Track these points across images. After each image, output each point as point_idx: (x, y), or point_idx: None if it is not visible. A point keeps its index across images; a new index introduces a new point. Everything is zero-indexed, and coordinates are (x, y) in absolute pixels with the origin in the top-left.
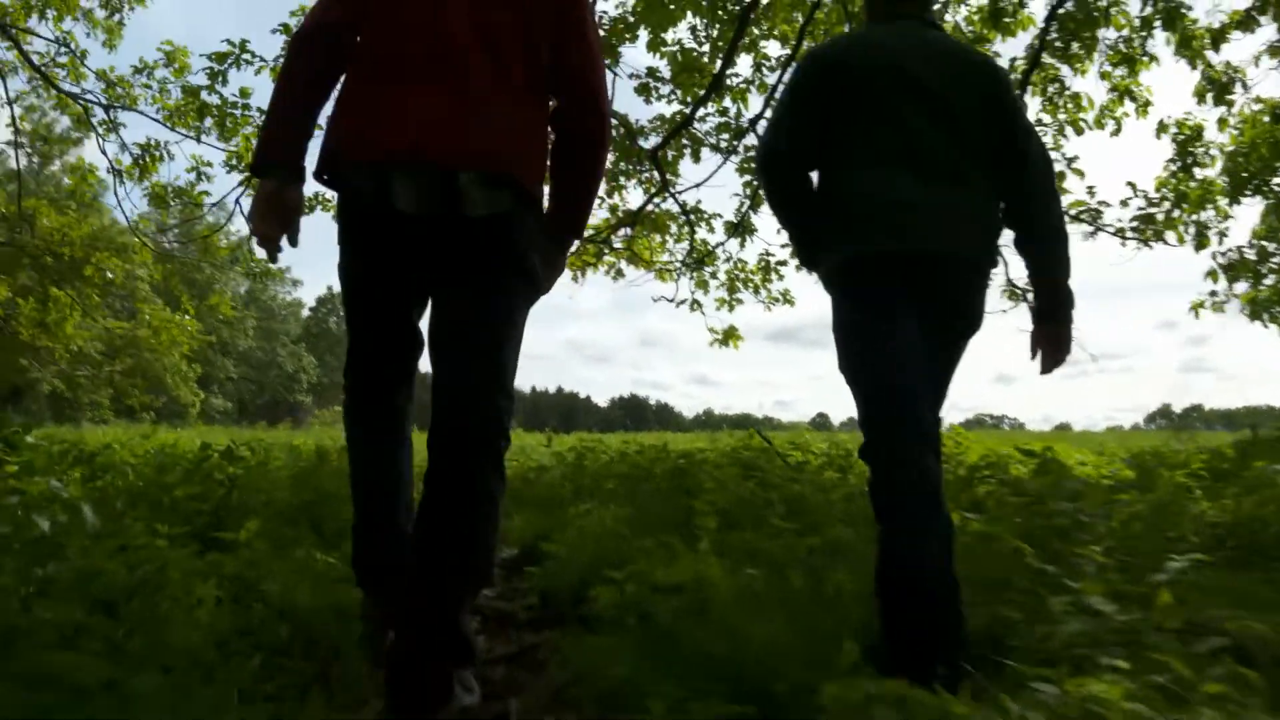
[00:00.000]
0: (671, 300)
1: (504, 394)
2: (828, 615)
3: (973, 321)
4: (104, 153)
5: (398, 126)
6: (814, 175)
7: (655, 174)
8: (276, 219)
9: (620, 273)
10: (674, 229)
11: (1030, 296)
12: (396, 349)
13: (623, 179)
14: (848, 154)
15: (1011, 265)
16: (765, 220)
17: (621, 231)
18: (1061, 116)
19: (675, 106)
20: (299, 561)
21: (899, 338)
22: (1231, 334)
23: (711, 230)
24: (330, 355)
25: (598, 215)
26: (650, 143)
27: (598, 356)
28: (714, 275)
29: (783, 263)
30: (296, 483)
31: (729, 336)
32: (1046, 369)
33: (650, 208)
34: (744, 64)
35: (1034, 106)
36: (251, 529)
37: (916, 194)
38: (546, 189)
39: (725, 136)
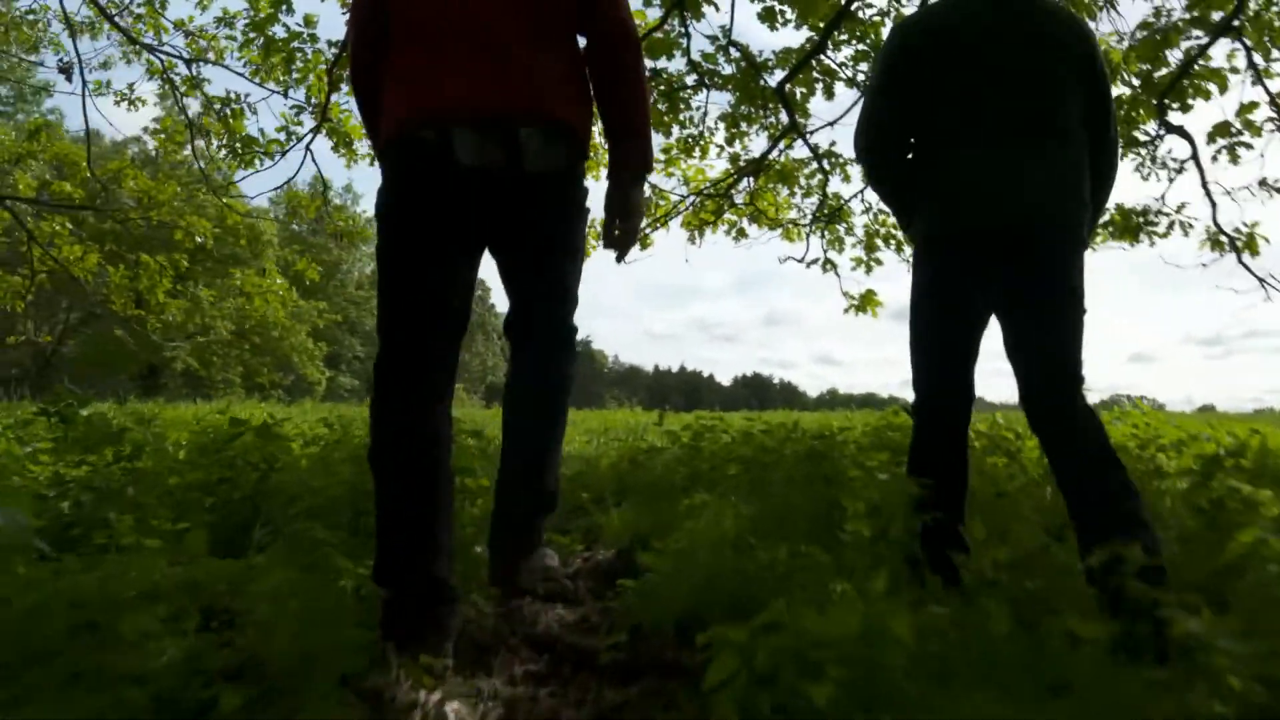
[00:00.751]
0: (801, 260)
1: (568, 325)
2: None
3: (1065, 281)
4: (184, 112)
5: (453, 86)
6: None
7: (783, 114)
8: None
9: (742, 232)
10: (802, 180)
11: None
12: (440, 336)
13: (744, 124)
14: (934, 127)
15: (1221, 208)
16: None
17: (743, 184)
18: None
19: (805, 33)
20: (301, 585)
21: (958, 313)
22: None
23: (847, 179)
24: None
25: (717, 166)
26: (775, 79)
27: (723, 336)
28: (849, 231)
29: None
30: (355, 468)
31: (867, 302)
32: None
33: (776, 154)
34: None
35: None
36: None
37: (999, 167)
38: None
39: (863, 67)
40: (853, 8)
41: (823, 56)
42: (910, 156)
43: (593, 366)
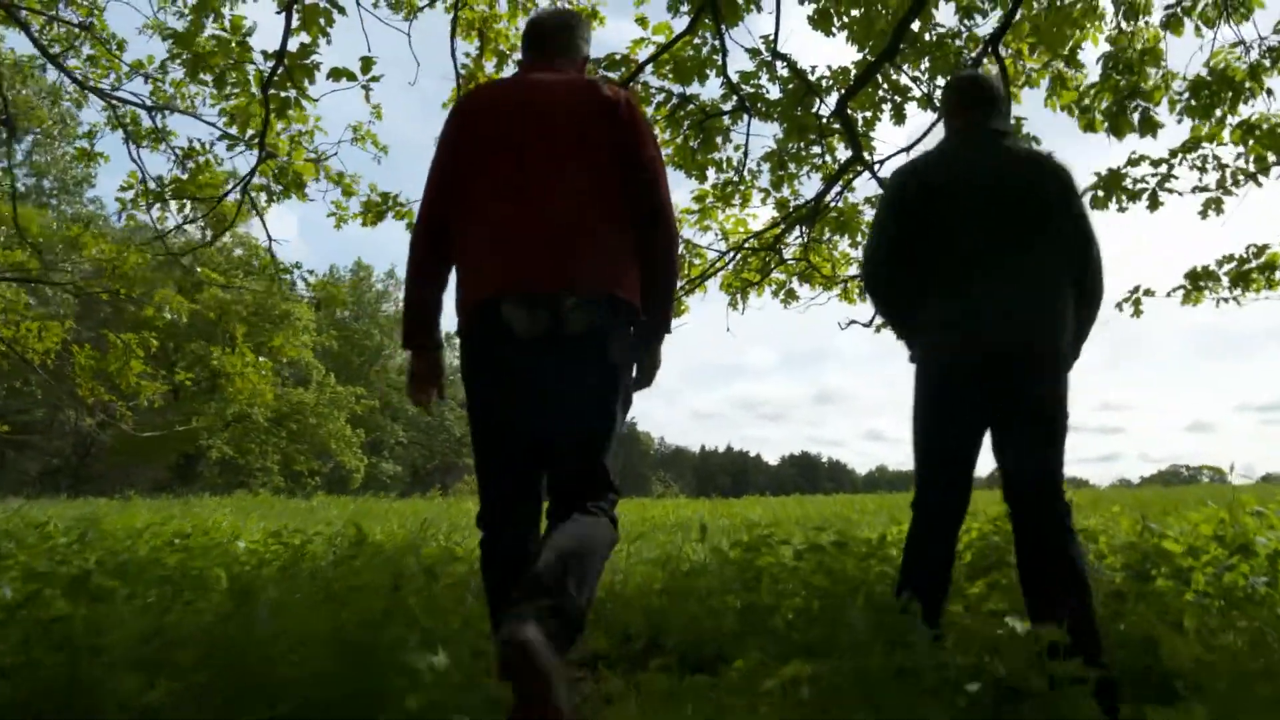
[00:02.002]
0: (869, 325)
1: (603, 463)
2: None
3: (1043, 401)
4: (139, 165)
5: (506, 266)
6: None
7: (840, 147)
8: (429, 384)
9: (792, 294)
10: (865, 224)
11: None
12: (521, 480)
13: (792, 164)
14: (931, 265)
15: None
16: None
17: (793, 235)
18: None
19: (860, 53)
20: None
21: (952, 425)
22: None
23: None
24: None
25: (761, 216)
26: (830, 102)
27: (770, 415)
28: None
29: None
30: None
31: None
32: None
33: (834, 194)
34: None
35: None
36: None
37: (979, 305)
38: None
39: (940, 82)
40: (914, 26)
41: (890, 70)
42: (897, 282)
43: (637, 449)
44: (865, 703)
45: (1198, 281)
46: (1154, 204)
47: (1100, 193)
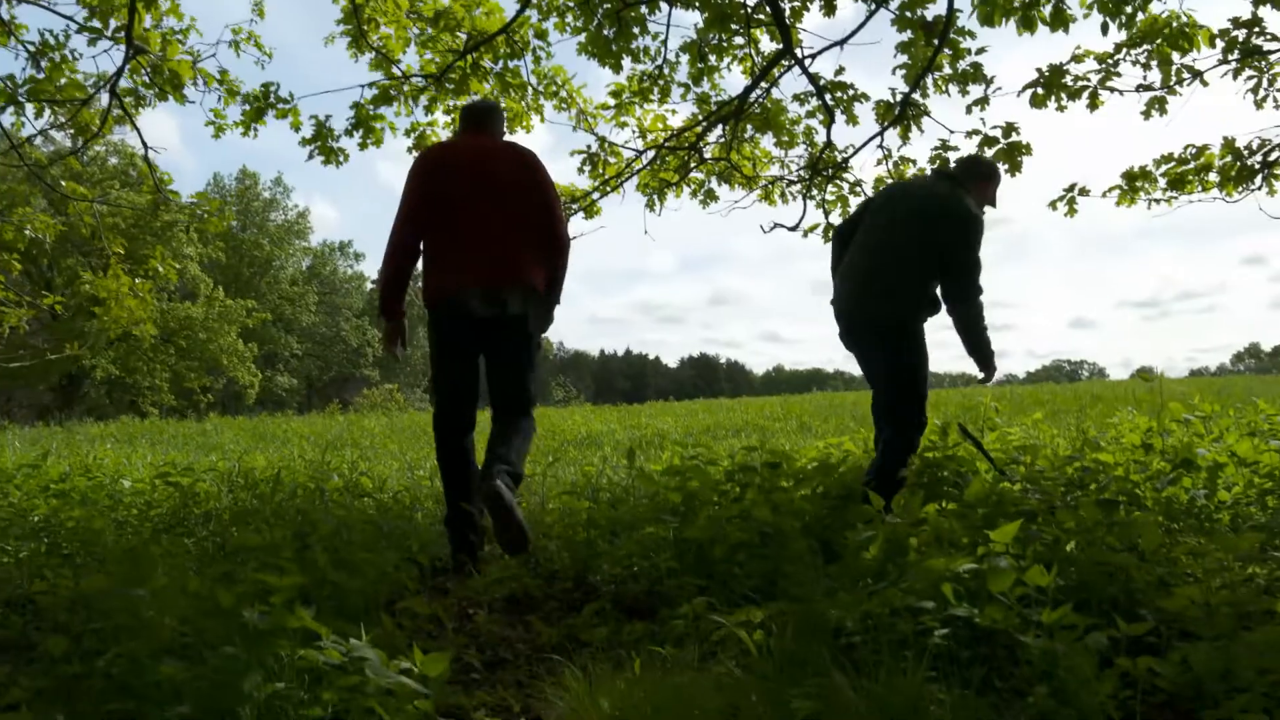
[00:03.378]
0: (795, 228)
1: (532, 402)
2: None
3: (886, 351)
4: None
5: (477, 271)
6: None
7: (764, 39)
8: (399, 341)
9: (711, 194)
10: (790, 125)
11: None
12: (468, 401)
13: (714, 56)
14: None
15: None
16: (939, 105)
17: (715, 133)
18: None
19: None
20: None
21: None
22: None
23: (853, 120)
24: None
25: (681, 112)
26: None
27: (668, 318)
28: (855, 188)
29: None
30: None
31: None
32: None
33: (758, 91)
34: None
35: None
36: None
37: (849, 279)
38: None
39: None
40: None
41: None
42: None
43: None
44: (829, 656)
45: (1134, 182)
46: (1094, 103)
47: (1040, 90)
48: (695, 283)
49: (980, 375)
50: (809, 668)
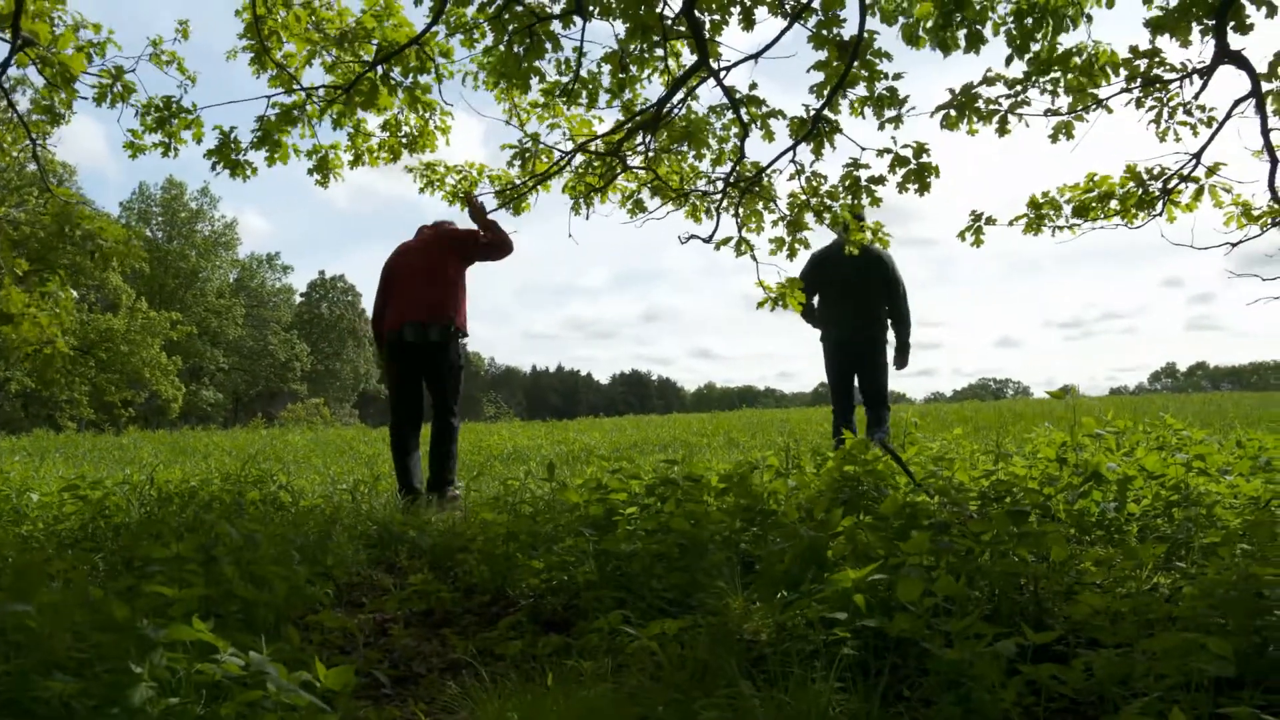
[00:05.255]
0: (709, 240)
1: (453, 410)
2: None
3: (878, 362)
4: None
5: (411, 309)
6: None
7: (685, 51)
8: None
9: (640, 204)
10: (714, 141)
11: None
12: (414, 409)
13: (634, 67)
14: (824, 299)
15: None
16: (853, 123)
17: (638, 142)
18: None
19: None
20: None
21: (840, 373)
22: (1241, 290)
23: (769, 136)
24: (323, 341)
25: (608, 119)
26: (676, 2)
27: (600, 333)
28: (769, 205)
29: (879, 180)
30: None
31: (788, 294)
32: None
33: (677, 101)
34: None
35: None
36: None
37: (840, 317)
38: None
39: None
40: None
41: None
42: (815, 307)
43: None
44: (738, 669)
45: (1039, 210)
46: (1003, 129)
47: (952, 112)
48: (628, 299)
49: (899, 368)
50: (720, 679)
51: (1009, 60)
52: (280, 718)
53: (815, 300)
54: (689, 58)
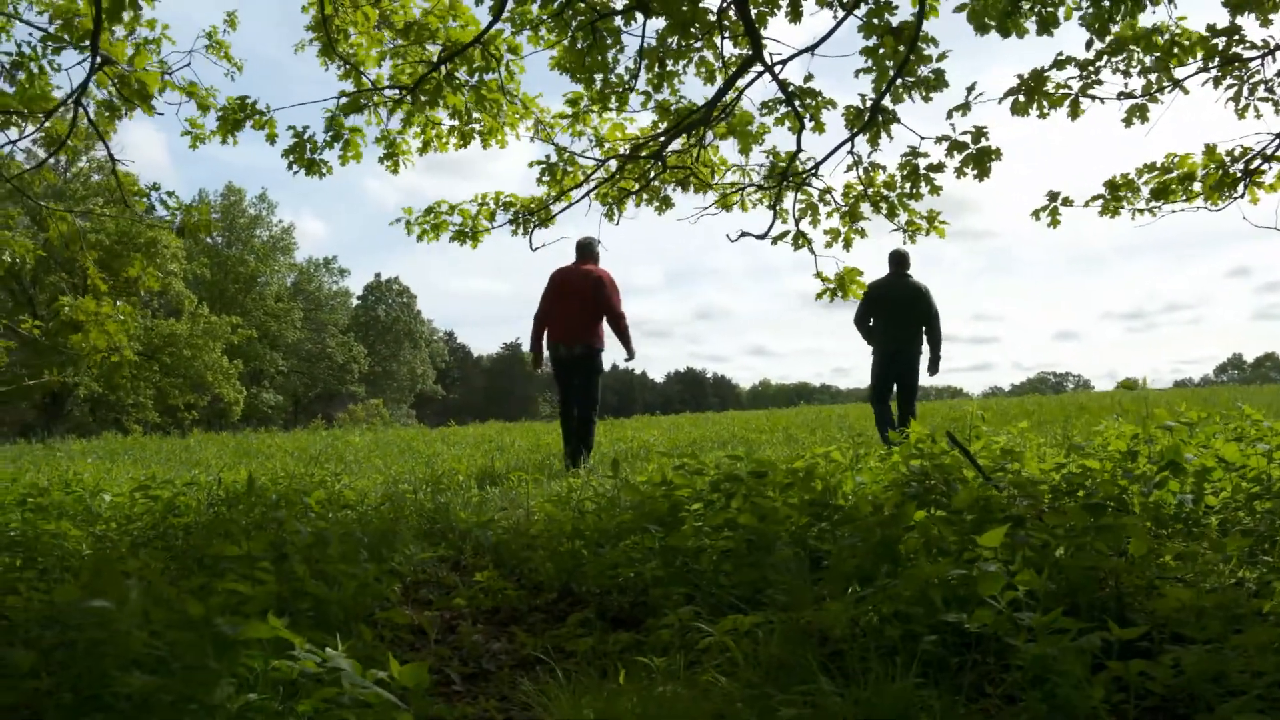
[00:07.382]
0: (764, 236)
1: (594, 408)
2: None
3: (916, 369)
4: None
5: (565, 334)
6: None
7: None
8: (540, 364)
9: (668, 201)
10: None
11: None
12: (572, 400)
13: (669, 62)
14: (879, 321)
15: None
16: (909, 110)
17: (674, 144)
18: None
19: None
20: None
21: (884, 375)
22: None
23: (820, 128)
24: (380, 343)
25: (640, 120)
26: None
27: (654, 332)
28: (824, 197)
29: (938, 167)
30: None
31: (846, 283)
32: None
33: (727, 99)
34: None
35: None
36: None
37: (895, 336)
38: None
39: None
40: None
41: None
42: (870, 328)
43: (520, 371)
44: (817, 665)
45: (1117, 191)
46: (1075, 111)
47: (1021, 97)
48: (681, 298)
49: (932, 374)
50: (796, 675)
51: (1089, 44)
52: (356, 714)
53: (872, 322)
54: (729, 51)
